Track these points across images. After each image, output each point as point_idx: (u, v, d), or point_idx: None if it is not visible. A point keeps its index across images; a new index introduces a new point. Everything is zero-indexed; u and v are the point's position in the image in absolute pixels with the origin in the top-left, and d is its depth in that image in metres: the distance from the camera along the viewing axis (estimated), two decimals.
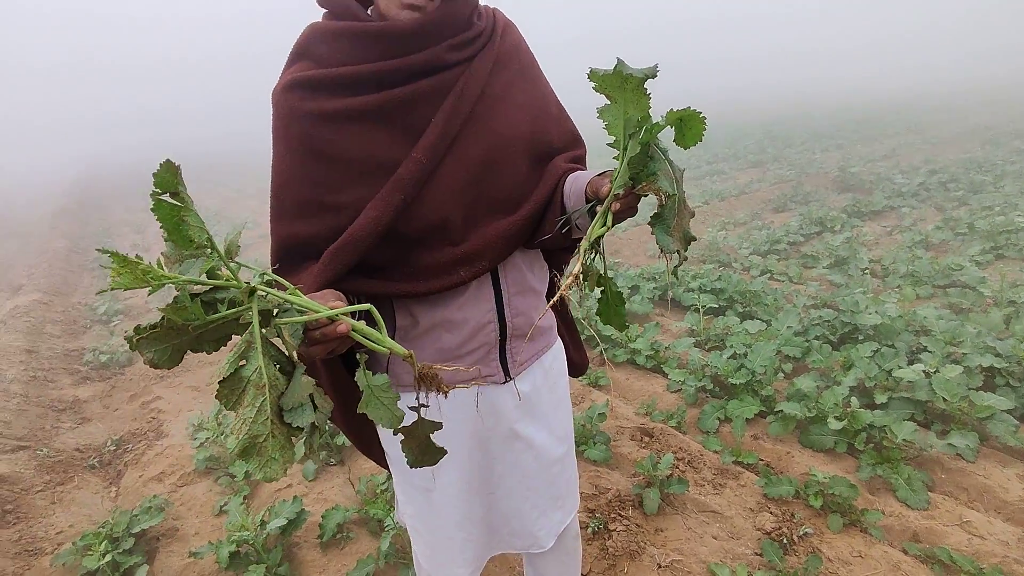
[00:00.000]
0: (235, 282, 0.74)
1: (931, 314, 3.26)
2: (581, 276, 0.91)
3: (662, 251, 0.92)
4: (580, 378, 2.99)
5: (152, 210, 0.68)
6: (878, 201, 6.55)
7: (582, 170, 1.11)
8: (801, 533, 2.07)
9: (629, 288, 4.41)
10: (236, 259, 0.78)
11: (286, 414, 0.73)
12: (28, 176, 22.98)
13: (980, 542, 1.98)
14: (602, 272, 0.98)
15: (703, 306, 3.82)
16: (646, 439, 2.73)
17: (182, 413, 3.47)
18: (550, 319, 1.31)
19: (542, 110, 1.12)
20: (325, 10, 1.03)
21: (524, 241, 1.11)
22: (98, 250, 0.71)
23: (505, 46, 1.08)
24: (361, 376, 0.81)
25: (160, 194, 0.68)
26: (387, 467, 1.33)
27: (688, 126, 0.90)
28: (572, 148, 1.17)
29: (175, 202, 0.69)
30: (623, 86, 0.86)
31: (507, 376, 1.18)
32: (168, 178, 0.67)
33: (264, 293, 0.76)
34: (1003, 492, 2.18)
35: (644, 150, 0.87)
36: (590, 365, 3.44)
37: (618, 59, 0.85)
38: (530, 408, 1.24)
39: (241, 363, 0.73)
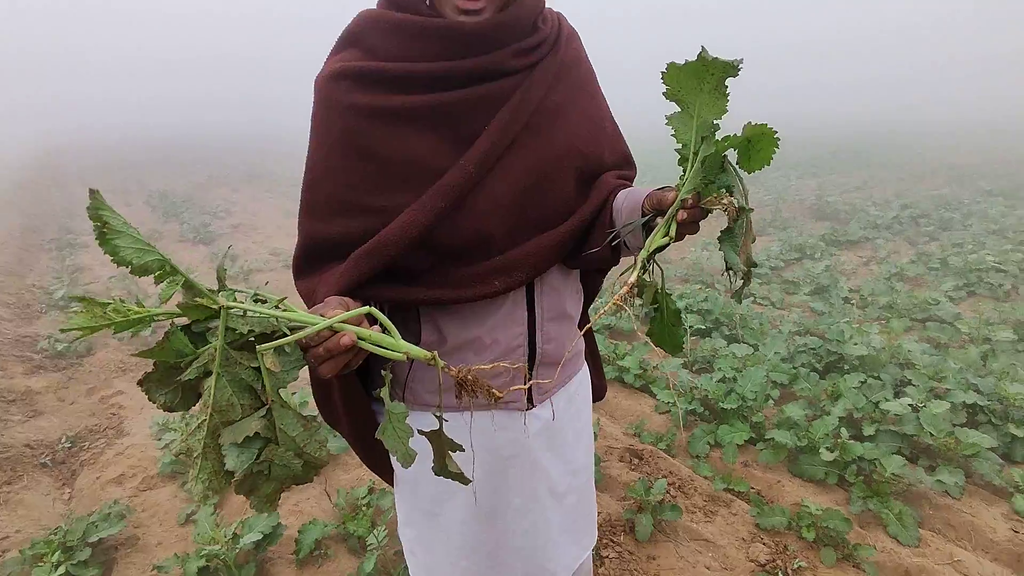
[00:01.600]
0: (206, 302, 0.67)
1: (915, 348, 3.31)
2: (637, 289, 0.85)
3: (729, 269, 0.87)
4: None
5: (98, 244, 0.64)
6: (854, 231, 6.70)
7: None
8: (795, 567, 2.04)
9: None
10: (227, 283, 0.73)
11: (223, 448, 0.67)
12: None
13: None
14: (660, 287, 0.92)
15: (690, 326, 3.80)
16: (635, 461, 2.68)
17: (145, 410, 3.27)
18: (580, 344, 1.25)
19: (598, 127, 1.06)
20: None
21: (565, 255, 1.04)
22: (70, 297, 0.66)
23: (568, 56, 1.02)
24: (386, 396, 0.74)
25: (101, 227, 0.63)
26: (392, 484, 1.25)
27: (757, 147, 0.84)
28: (623, 168, 1.11)
29: (107, 231, 0.65)
30: (700, 86, 0.80)
31: (529, 403, 1.12)
32: (96, 210, 0.63)
33: (242, 312, 0.69)
34: (990, 532, 2.19)
35: (718, 157, 0.81)
36: None
37: (703, 47, 0.79)
38: (551, 436, 1.17)
39: (204, 375, 0.69)
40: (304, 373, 0.75)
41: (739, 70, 0.77)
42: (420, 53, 0.91)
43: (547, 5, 1.04)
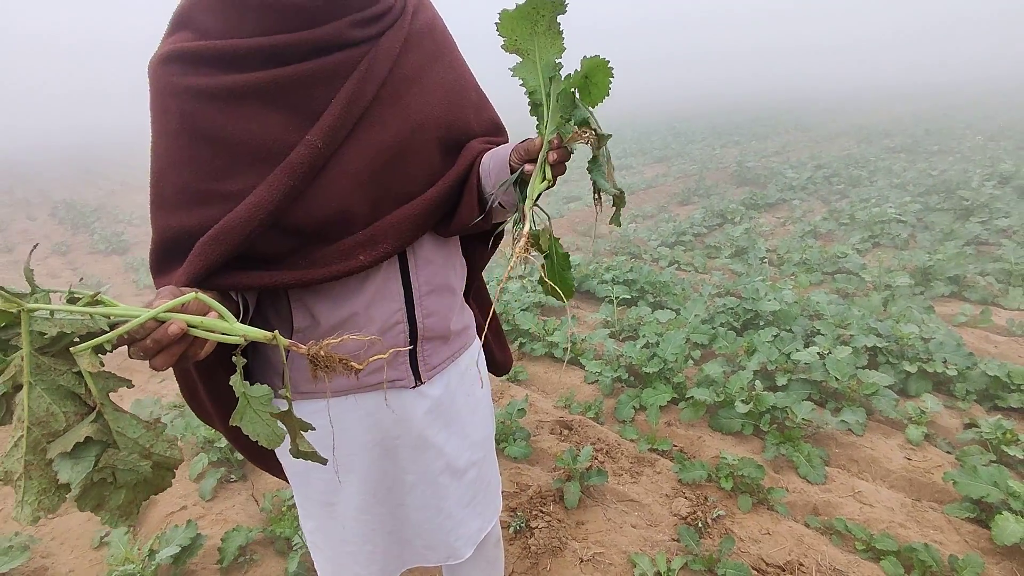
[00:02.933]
0: (2, 305, 0.63)
1: (823, 299, 3.50)
2: (533, 239, 0.85)
3: (599, 194, 0.89)
4: None
5: None
6: (772, 194, 7.01)
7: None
8: (714, 516, 2.14)
9: None
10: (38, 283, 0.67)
11: (54, 462, 0.63)
12: None
13: (870, 510, 2.14)
14: (549, 233, 0.92)
15: (617, 297, 3.89)
16: (565, 432, 2.73)
17: None
18: (468, 318, 1.24)
19: (459, 95, 1.04)
20: None
21: (433, 224, 1.02)
22: None
23: (418, 24, 1.00)
24: (237, 383, 0.71)
25: None
26: (286, 479, 1.22)
27: (594, 80, 0.85)
28: (493, 136, 1.10)
29: None
30: (534, 29, 0.82)
31: (417, 380, 1.11)
32: None
33: (49, 313, 0.65)
34: (887, 462, 2.36)
35: (568, 93, 0.83)
36: None
37: None
38: (443, 413, 1.17)
39: (16, 388, 0.64)
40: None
41: (566, 5, 0.78)
42: (253, 29, 0.87)
43: None
